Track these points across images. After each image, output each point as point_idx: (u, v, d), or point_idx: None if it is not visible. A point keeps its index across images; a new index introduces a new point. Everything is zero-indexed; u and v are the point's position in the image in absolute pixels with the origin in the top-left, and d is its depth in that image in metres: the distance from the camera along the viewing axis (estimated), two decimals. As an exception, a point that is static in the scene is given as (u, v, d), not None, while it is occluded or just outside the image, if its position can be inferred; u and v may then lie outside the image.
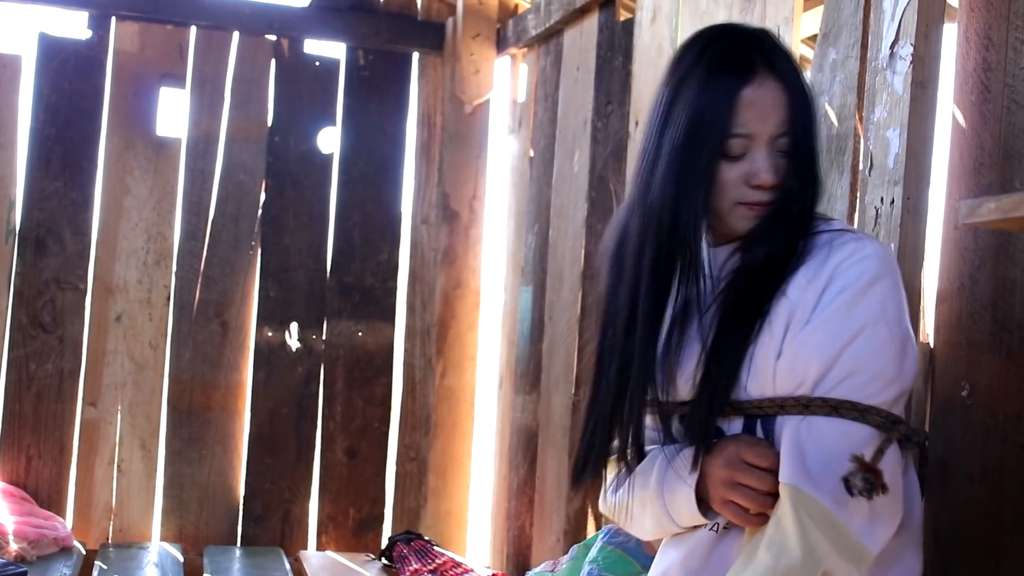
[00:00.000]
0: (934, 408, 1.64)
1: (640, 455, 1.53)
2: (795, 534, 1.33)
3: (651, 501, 1.52)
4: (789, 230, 1.45)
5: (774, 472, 1.37)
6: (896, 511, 1.36)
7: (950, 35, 1.65)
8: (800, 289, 1.41)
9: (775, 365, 1.41)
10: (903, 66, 1.60)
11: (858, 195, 1.78)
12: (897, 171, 1.60)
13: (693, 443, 1.45)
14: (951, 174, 1.65)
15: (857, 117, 1.81)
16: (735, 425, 1.45)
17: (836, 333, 1.38)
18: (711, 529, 1.47)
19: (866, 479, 1.27)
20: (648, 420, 1.54)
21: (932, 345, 1.66)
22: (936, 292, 1.66)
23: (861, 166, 1.75)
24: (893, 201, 1.60)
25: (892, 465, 1.35)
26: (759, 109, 1.46)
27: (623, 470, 1.55)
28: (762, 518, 1.39)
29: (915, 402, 1.62)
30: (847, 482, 1.28)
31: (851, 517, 1.32)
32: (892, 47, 1.63)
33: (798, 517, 1.33)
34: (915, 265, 1.60)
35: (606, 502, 1.62)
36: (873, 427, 1.35)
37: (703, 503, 1.46)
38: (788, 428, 1.38)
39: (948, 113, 1.66)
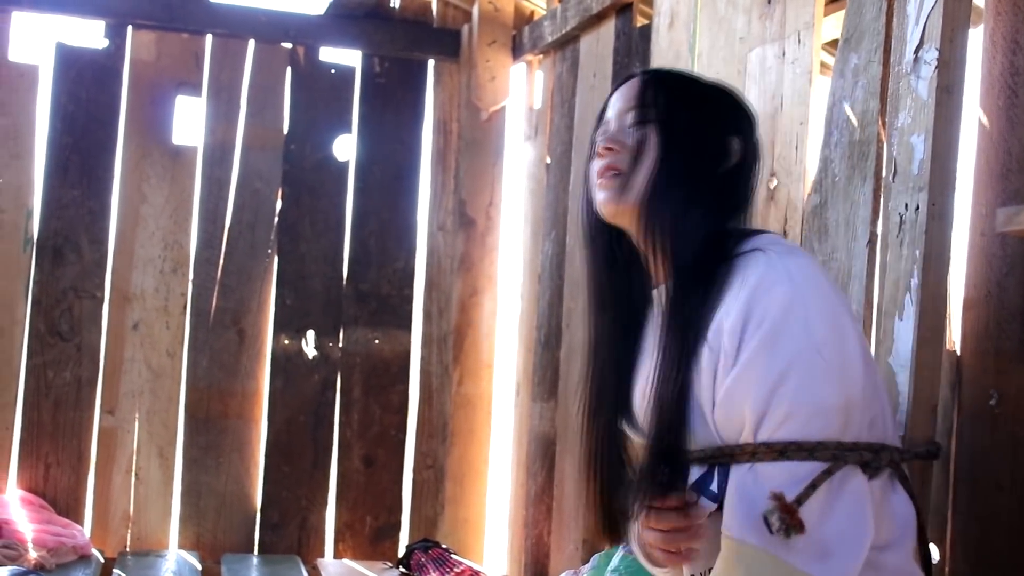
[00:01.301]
0: (961, 417, 1.62)
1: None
2: None
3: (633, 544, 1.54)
4: (693, 253, 1.41)
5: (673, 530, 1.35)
6: (855, 537, 1.30)
7: (975, 39, 1.64)
8: (717, 333, 1.36)
9: (712, 415, 1.38)
10: (928, 71, 1.59)
11: (881, 201, 1.76)
12: (922, 177, 1.59)
13: (636, 497, 1.43)
14: (977, 180, 1.64)
15: (880, 123, 1.80)
16: (694, 473, 1.42)
17: (764, 375, 1.31)
18: None
19: (782, 519, 1.26)
20: None
21: (959, 353, 1.64)
22: (962, 300, 1.65)
23: (884, 172, 1.73)
24: (918, 207, 1.59)
25: (832, 498, 1.30)
26: (615, 99, 1.54)
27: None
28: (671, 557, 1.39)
29: (941, 411, 1.60)
30: (766, 520, 1.27)
31: (790, 552, 1.27)
32: (916, 51, 1.62)
33: (743, 568, 1.30)
34: (941, 272, 1.58)
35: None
36: (822, 462, 1.30)
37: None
38: (735, 477, 1.35)
39: (974, 118, 1.64)
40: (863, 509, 1.32)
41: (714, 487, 1.39)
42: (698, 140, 1.47)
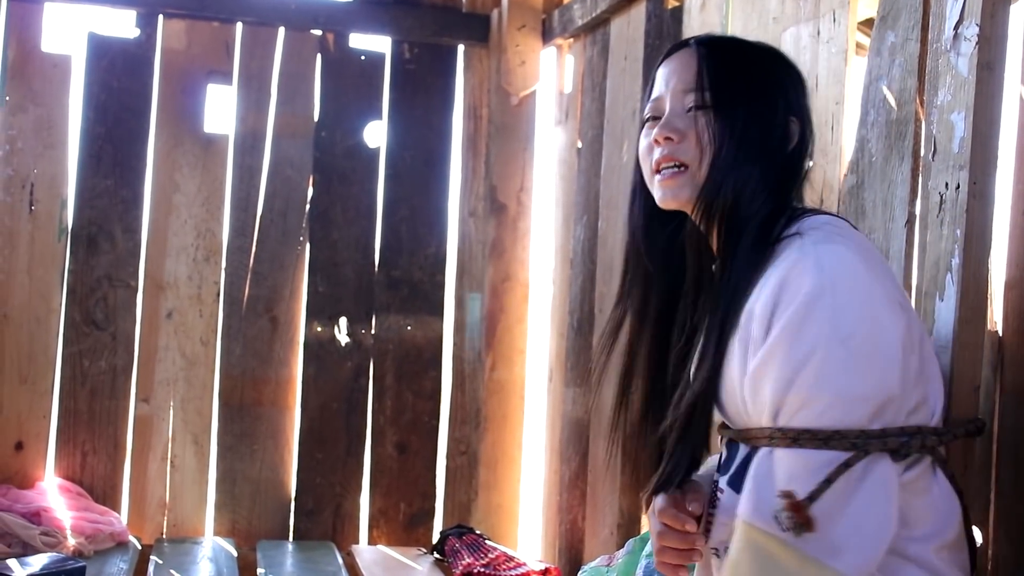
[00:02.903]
0: (1003, 398, 1.60)
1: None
2: (747, 564, 1.31)
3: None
4: (747, 235, 1.40)
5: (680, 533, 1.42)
6: (873, 531, 1.28)
7: (1016, 15, 1.61)
8: (748, 317, 1.36)
9: (743, 396, 1.38)
10: (968, 47, 1.56)
11: (920, 180, 1.74)
12: (963, 155, 1.56)
13: (655, 472, 1.48)
14: (1019, 157, 1.61)
15: (918, 101, 1.77)
16: (739, 451, 1.43)
17: (785, 360, 1.30)
18: (716, 556, 1.45)
19: (790, 517, 1.25)
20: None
21: (1000, 334, 1.62)
22: (1004, 280, 1.62)
23: (923, 151, 1.71)
24: (959, 186, 1.56)
25: (849, 492, 1.28)
26: (667, 72, 1.50)
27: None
28: (672, 568, 1.46)
29: (983, 392, 1.58)
30: (776, 518, 1.27)
31: (808, 543, 1.27)
32: (956, 28, 1.59)
33: (751, 551, 1.30)
34: (982, 252, 1.56)
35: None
36: (839, 452, 1.28)
37: None
38: (755, 460, 1.35)
39: (1015, 95, 1.62)
40: (885, 501, 1.30)
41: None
42: (762, 127, 1.45)
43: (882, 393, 1.30)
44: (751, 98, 1.45)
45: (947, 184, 1.59)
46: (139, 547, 3.10)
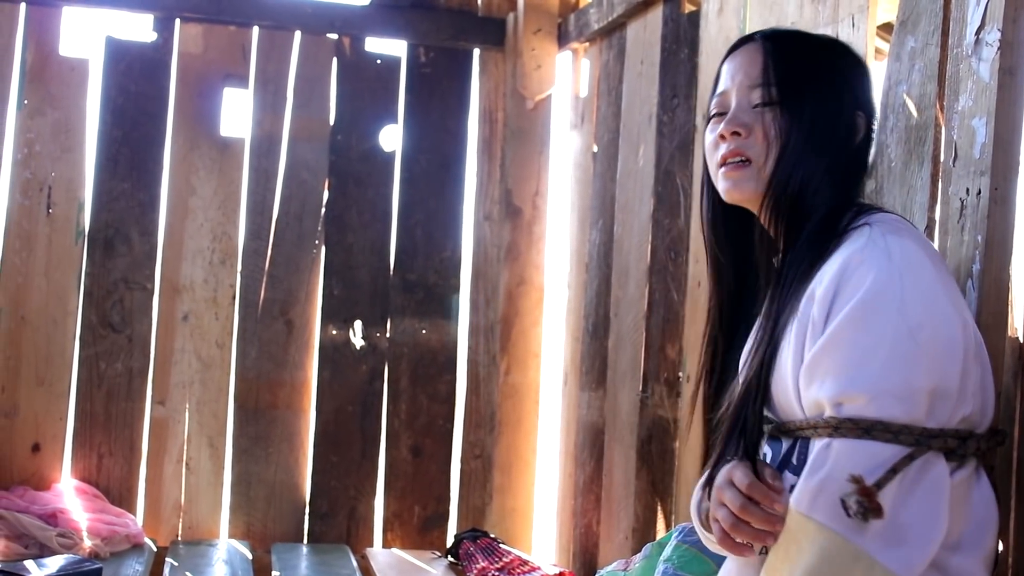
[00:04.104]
0: (1024, 405, 1.59)
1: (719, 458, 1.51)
2: (800, 557, 1.27)
3: (693, 512, 1.54)
4: (810, 227, 1.40)
5: (755, 501, 1.31)
6: (929, 529, 1.27)
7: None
8: (808, 301, 1.34)
9: (796, 384, 1.36)
10: (990, 52, 1.56)
11: (940, 186, 1.73)
12: (984, 161, 1.56)
13: (713, 458, 1.44)
14: (1041, 163, 1.60)
15: (938, 106, 1.76)
16: (781, 446, 1.41)
17: (850, 350, 1.28)
18: (759, 552, 1.42)
19: (860, 502, 1.23)
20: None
21: (1022, 340, 1.61)
22: (1026, 286, 1.62)
23: (943, 157, 1.70)
24: (980, 192, 1.56)
25: (912, 485, 1.27)
26: (733, 67, 1.50)
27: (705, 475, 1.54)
28: (737, 546, 1.35)
29: (1003, 400, 1.57)
30: (843, 503, 1.24)
31: (860, 535, 1.24)
32: (978, 33, 1.58)
33: (809, 547, 1.27)
34: (1003, 257, 1.55)
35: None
36: (904, 446, 1.27)
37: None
38: (813, 451, 1.32)
39: (1037, 100, 1.61)
40: (940, 501, 1.29)
41: (794, 461, 1.37)
42: (828, 122, 1.45)
43: (943, 388, 1.29)
44: (817, 93, 1.45)
45: (968, 190, 1.58)
46: (155, 549, 3.11)
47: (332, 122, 3.42)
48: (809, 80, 1.46)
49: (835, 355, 1.30)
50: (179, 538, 3.28)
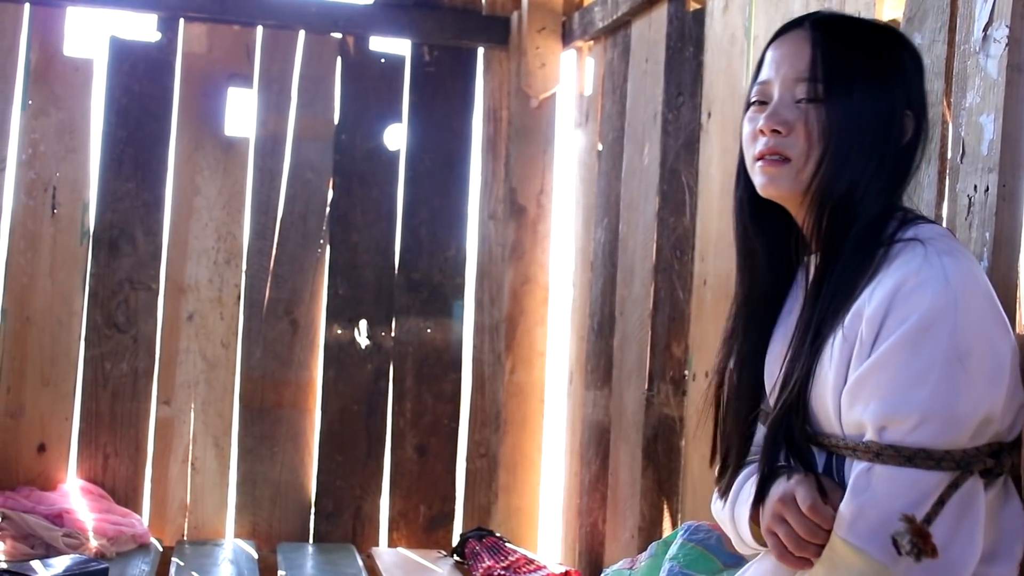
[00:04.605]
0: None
1: (739, 464, 1.49)
2: None
3: (727, 516, 1.50)
4: (855, 235, 1.35)
5: (821, 528, 1.29)
6: (970, 558, 1.25)
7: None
8: (855, 318, 1.30)
9: (838, 402, 1.33)
10: (998, 49, 1.55)
11: (947, 183, 1.72)
12: (992, 158, 1.55)
13: (759, 475, 1.39)
14: (1049, 160, 1.59)
15: (945, 103, 1.76)
16: (818, 458, 1.38)
17: (899, 374, 1.25)
18: None
19: (913, 543, 1.19)
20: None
21: (1030, 339, 1.60)
22: (1034, 283, 1.61)
23: (950, 154, 1.69)
24: (987, 189, 1.55)
25: (960, 515, 1.25)
26: (778, 56, 1.43)
27: (727, 478, 1.52)
28: (799, 561, 1.33)
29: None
30: (895, 541, 1.20)
31: (908, 572, 1.22)
32: (986, 29, 1.58)
33: (842, 563, 1.25)
34: (1011, 255, 1.55)
35: (712, 509, 1.59)
36: (945, 471, 1.25)
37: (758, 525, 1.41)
38: (853, 475, 1.30)
39: (1045, 97, 1.60)
40: (979, 525, 1.27)
41: (834, 475, 1.35)
42: (877, 123, 1.38)
43: (988, 414, 1.27)
44: (867, 91, 1.37)
45: (976, 187, 1.58)
46: (160, 549, 3.11)
47: (336, 121, 3.42)
48: (859, 78, 1.37)
49: (882, 377, 1.27)
50: (185, 538, 3.28)
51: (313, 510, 3.39)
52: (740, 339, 1.52)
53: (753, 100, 1.45)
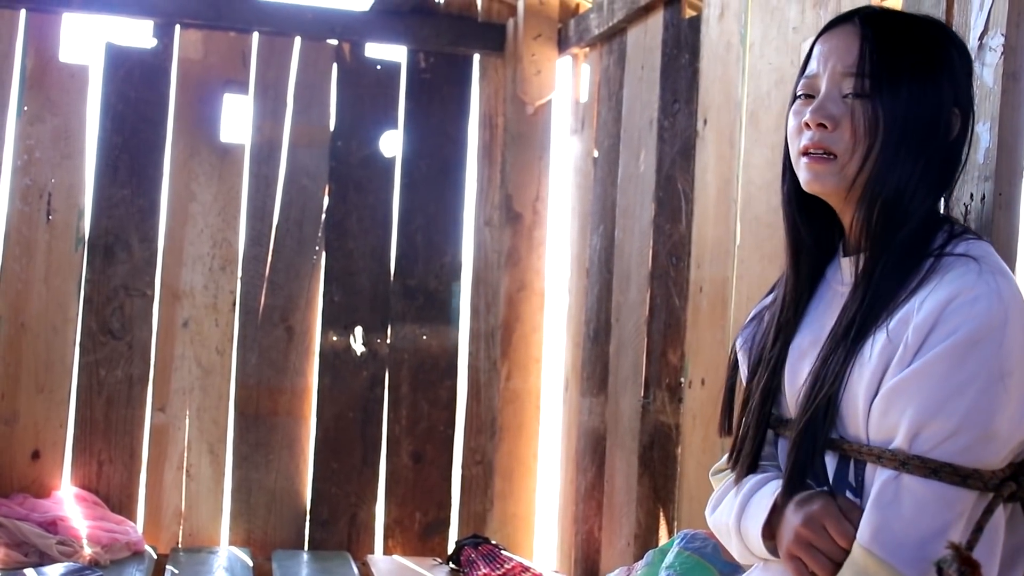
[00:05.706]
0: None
1: (749, 469, 1.47)
2: None
3: (732, 524, 1.48)
4: (900, 242, 1.34)
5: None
6: None
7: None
8: (901, 324, 1.29)
9: (868, 406, 1.31)
10: (993, 57, 1.55)
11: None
12: (988, 166, 1.55)
13: (783, 482, 1.38)
14: (1045, 168, 1.60)
15: (941, 111, 1.76)
16: (829, 462, 1.37)
17: (939, 385, 1.24)
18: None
19: (962, 572, 1.14)
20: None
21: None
22: (1030, 291, 1.61)
23: (947, 161, 1.70)
24: (984, 197, 1.55)
25: (993, 543, 1.25)
26: (826, 49, 1.41)
27: (730, 485, 1.50)
28: None
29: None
30: (940, 570, 1.16)
31: None
32: (981, 38, 1.58)
33: (864, 574, 1.24)
34: (1008, 263, 1.54)
35: (707, 517, 1.58)
36: (971, 490, 1.24)
37: (772, 539, 1.39)
38: (878, 483, 1.28)
39: (1040, 105, 1.60)
40: (999, 547, 1.27)
41: (851, 479, 1.34)
42: (924, 120, 1.36)
43: (1020, 435, 1.26)
44: (915, 87, 1.36)
45: (972, 195, 1.58)
46: (155, 556, 3.10)
47: (332, 128, 3.42)
48: (908, 74, 1.36)
49: (923, 384, 1.25)
50: (179, 545, 3.27)
51: (308, 517, 3.38)
52: (782, 335, 1.48)
53: (800, 93, 1.44)
